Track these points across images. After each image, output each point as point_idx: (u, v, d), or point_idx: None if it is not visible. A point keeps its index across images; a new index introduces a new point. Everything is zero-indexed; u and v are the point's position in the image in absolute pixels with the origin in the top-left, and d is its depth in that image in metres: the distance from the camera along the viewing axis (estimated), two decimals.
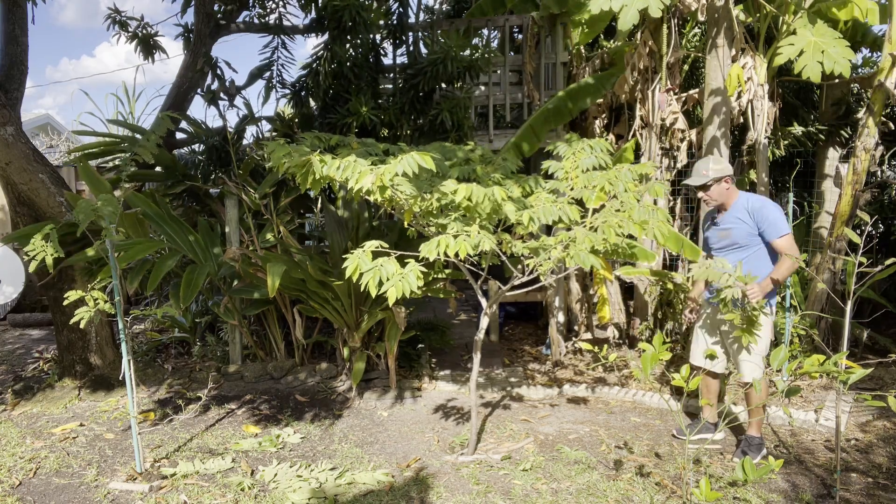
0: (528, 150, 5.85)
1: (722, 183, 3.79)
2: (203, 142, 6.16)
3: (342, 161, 3.27)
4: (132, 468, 3.82)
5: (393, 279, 3.09)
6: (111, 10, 5.84)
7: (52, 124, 16.06)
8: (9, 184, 5.02)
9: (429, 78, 5.48)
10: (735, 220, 3.81)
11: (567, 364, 5.86)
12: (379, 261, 3.18)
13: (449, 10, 8.55)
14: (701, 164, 3.84)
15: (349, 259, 3.22)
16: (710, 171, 3.76)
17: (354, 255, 3.23)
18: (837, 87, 6.22)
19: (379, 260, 3.19)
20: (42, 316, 8.01)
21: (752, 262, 3.78)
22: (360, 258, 3.21)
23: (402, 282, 3.08)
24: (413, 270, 3.13)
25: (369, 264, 3.18)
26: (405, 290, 3.07)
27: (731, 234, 3.84)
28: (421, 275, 3.14)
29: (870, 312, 5.98)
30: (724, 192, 3.82)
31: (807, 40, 4.33)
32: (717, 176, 3.76)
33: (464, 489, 3.57)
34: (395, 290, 3.07)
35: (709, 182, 3.78)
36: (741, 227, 3.78)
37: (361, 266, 3.17)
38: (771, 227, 3.69)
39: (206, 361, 5.94)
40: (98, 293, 3.49)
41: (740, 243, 3.81)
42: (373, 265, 3.16)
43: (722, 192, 3.82)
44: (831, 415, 4.34)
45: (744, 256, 3.79)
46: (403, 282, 3.08)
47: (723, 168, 3.79)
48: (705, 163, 3.82)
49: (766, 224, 3.70)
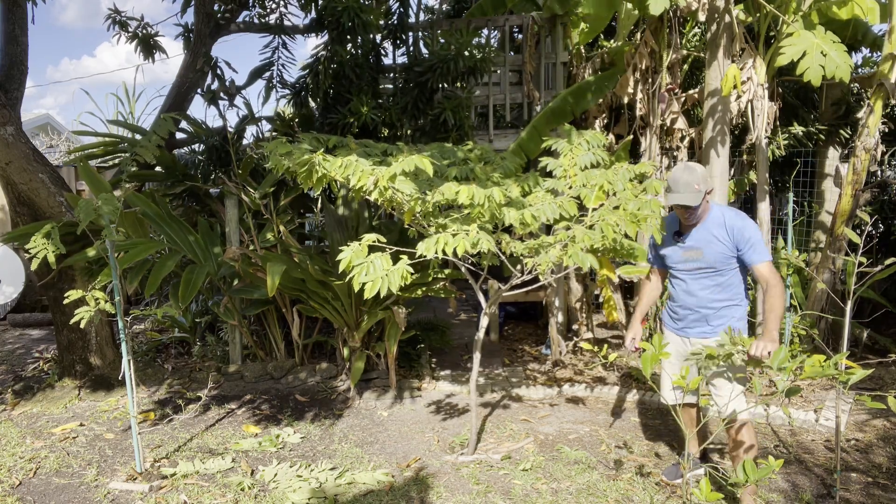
0: (532, 151, 5.85)
1: (707, 196, 3.17)
2: (203, 142, 6.16)
3: (344, 160, 3.28)
4: (132, 468, 3.83)
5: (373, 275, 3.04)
6: (111, 10, 5.84)
7: (52, 124, 16.07)
8: (9, 184, 5.02)
9: (438, 75, 5.47)
10: (709, 238, 3.17)
11: (567, 364, 5.86)
12: (371, 256, 3.15)
13: (449, 10, 8.55)
14: (686, 175, 3.12)
15: (344, 251, 3.20)
16: (701, 185, 3.10)
17: (350, 248, 3.21)
18: (837, 87, 6.22)
19: (371, 255, 3.16)
20: (42, 316, 8.01)
21: (727, 289, 3.22)
22: (354, 251, 3.19)
23: (384, 280, 3.03)
24: (398, 270, 3.08)
25: (362, 258, 3.15)
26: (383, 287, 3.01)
27: (702, 256, 3.21)
28: (408, 275, 3.09)
29: (870, 312, 5.98)
30: (707, 207, 3.22)
31: (809, 42, 4.32)
32: (708, 189, 3.15)
33: (464, 489, 3.57)
34: (372, 286, 3.01)
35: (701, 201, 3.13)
36: (716, 248, 3.16)
37: (354, 259, 3.15)
38: (754, 249, 3.09)
39: (206, 361, 5.94)
40: (98, 293, 3.49)
41: (716, 267, 3.19)
42: (364, 259, 3.13)
43: (705, 207, 3.20)
44: (831, 415, 4.34)
45: (717, 283, 3.21)
46: (385, 280, 3.03)
47: (707, 177, 3.18)
48: (691, 174, 3.11)
49: (748, 246, 3.10)
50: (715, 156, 5.30)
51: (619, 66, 6.28)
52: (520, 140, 5.85)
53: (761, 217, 5.36)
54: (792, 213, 5.60)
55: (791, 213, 5.38)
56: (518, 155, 5.70)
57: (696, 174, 3.12)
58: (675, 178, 3.14)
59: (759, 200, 5.39)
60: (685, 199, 3.08)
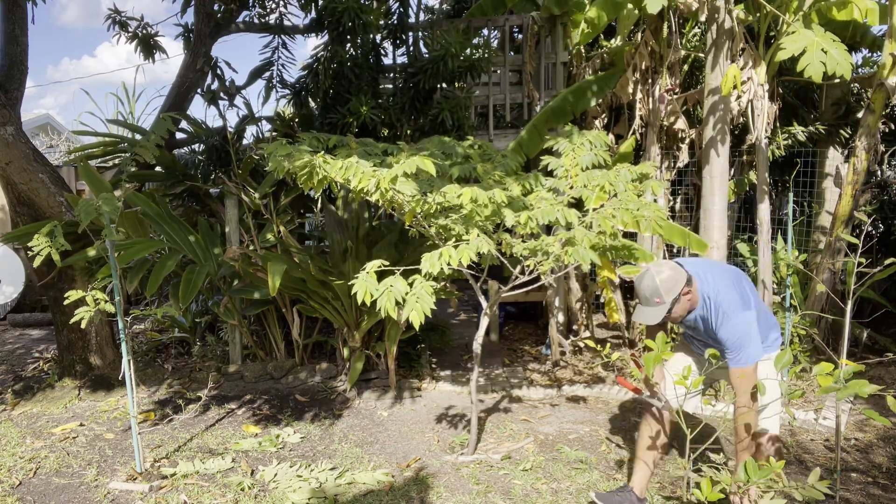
0: (532, 150, 5.86)
1: (681, 297, 2.83)
2: (203, 142, 6.16)
3: (344, 162, 3.28)
4: (132, 468, 3.82)
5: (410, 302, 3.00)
6: (111, 10, 5.84)
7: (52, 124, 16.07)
8: (9, 184, 5.02)
9: (429, 76, 5.47)
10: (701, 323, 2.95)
11: (567, 364, 5.86)
12: (388, 282, 3.10)
13: (449, 10, 8.55)
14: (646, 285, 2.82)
15: (356, 284, 3.13)
16: (665, 296, 2.78)
17: (360, 280, 3.14)
18: (837, 87, 6.22)
19: (387, 280, 3.11)
20: (42, 316, 8.01)
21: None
22: (366, 281, 3.12)
23: (420, 302, 3.00)
24: (424, 287, 3.06)
25: (378, 286, 3.10)
26: (425, 310, 2.99)
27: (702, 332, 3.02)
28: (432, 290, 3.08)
29: (870, 312, 5.99)
30: (687, 303, 2.87)
31: (810, 39, 4.32)
32: (675, 296, 2.80)
33: (464, 489, 3.57)
34: (416, 315, 2.98)
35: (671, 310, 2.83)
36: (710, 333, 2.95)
37: (370, 290, 3.09)
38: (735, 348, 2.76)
39: (206, 361, 5.94)
40: (98, 293, 3.49)
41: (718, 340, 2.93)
42: (383, 287, 3.09)
43: (684, 304, 2.86)
44: (831, 415, 4.35)
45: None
46: (421, 302, 3.00)
47: (676, 280, 2.80)
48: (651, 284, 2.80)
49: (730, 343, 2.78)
50: (715, 156, 5.30)
51: (619, 66, 6.28)
52: (520, 139, 5.85)
53: (761, 217, 5.36)
54: (792, 213, 5.60)
55: (791, 214, 5.38)
56: (518, 153, 5.70)
57: (657, 283, 2.78)
58: (637, 289, 2.87)
59: (759, 200, 5.39)
60: (646, 318, 2.82)
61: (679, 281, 2.79)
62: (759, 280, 5.39)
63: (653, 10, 4.30)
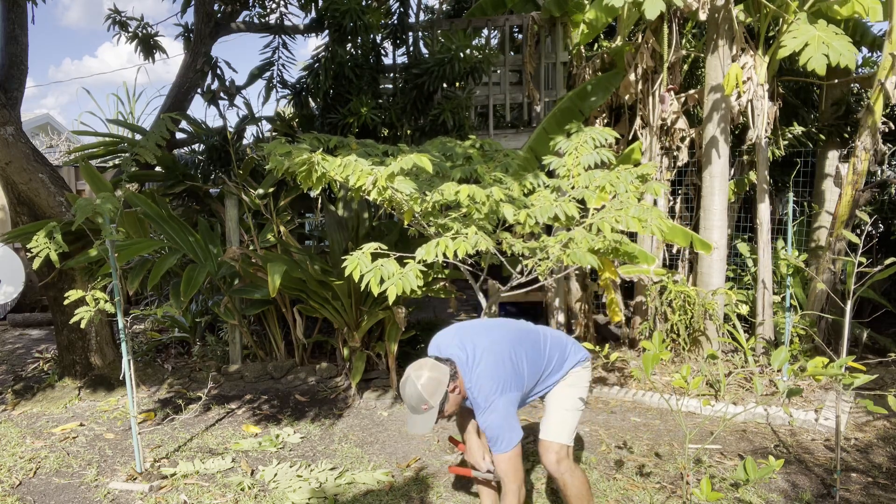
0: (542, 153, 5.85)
1: (449, 395, 2.66)
2: (203, 142, 6.16)
3: (343, 160, 3.28)
4: (132, 468, 3.82)
5: (392, 278, 3.13)
6: (111, 10, 5.84)
7: (52, 124, 16.09)
8: (9, 184, 5.03)
9: (435, 78, 5.47)
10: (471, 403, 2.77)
11: None
12: (379, 261, 3.22)
13: (449, 10, 8.55)
14: (412, 397, 2.64)
15: (349, 260, 3.24)
16: (429, 401, 2.61)
17: (354, 257, 3.25)
18: (837, 87, 6.22)
19: (379, 261, 3.22)
20: (42, 316, 8.01)
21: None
22: (359, 259, 3.23)
23: (403, 280, 3.12)
24: (413, 269, 3.17)
25: (369, 265, 3.20)
26: (405, 287, 3.11)
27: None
28: (420, 274, 3.16)
29: (870, 312, 5.98)
30: (458, 396, 2.71)
31: (811, 33, 4.29)
32: (441, 399, 2.62)
33: (464, 489, 3.57)
34: (394, 288, 3.11)
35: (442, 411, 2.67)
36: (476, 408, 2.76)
37: (361, 267, 3.20)
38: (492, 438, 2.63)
39: (206, 361, 5.94)
40: (98, 293, 3.49)
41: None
42: (373, 265, 3.20)
43: (455, 399, 2.71)
44: (831, 415, 4.34)
45: None
46: (403, 280, 3.13)
47: (438, 380, 2.63)
48: (413, 392, 2.63)
49: (489, 433, 2.64)
50: (715, 155, 5.30)
51: (619, 66, 6.28)
52: (530, 142, 5.85)
53: (761, 217, 5.37)
54: (792, 213, 5.60)
55: (791, 214, 5.38)
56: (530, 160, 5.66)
57: (418, 389, 2.61)
58: (402, 398, 2.72)
59: (759, 200, 5.39)
60: (421, 428, 2.66)
61: (441, 381, 2.63)
62: (760, 280, 5.39)
63: (651, 16, 4.28)
